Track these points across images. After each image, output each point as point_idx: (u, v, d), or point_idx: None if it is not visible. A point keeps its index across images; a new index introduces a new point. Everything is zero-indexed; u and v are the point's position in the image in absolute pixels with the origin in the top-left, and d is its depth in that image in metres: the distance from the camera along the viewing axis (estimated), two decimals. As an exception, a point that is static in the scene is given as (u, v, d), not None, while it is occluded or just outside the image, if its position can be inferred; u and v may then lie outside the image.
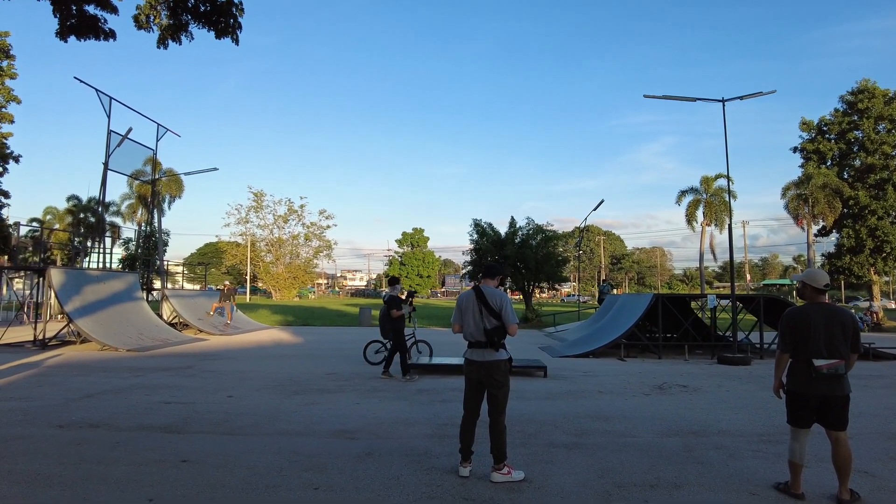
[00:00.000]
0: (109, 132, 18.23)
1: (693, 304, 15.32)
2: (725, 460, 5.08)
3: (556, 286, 26.80)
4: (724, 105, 12.93)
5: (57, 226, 44.29)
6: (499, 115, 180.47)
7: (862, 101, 31.58)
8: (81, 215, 45.42)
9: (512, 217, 27.70)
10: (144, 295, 19.52)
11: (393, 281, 10.40)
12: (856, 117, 32.13)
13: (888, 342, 16.31)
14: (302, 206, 63.59)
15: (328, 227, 65.75)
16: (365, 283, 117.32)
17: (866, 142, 31.45)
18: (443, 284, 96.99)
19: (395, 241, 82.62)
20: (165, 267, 32.60)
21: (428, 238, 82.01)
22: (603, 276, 76.05)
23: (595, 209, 25.75)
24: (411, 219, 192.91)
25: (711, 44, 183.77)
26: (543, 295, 79.31)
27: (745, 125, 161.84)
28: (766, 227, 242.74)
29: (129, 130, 17.99)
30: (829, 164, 32.89)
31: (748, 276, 49.93)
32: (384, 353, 11.45)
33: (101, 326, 14.38)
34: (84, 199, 45.40)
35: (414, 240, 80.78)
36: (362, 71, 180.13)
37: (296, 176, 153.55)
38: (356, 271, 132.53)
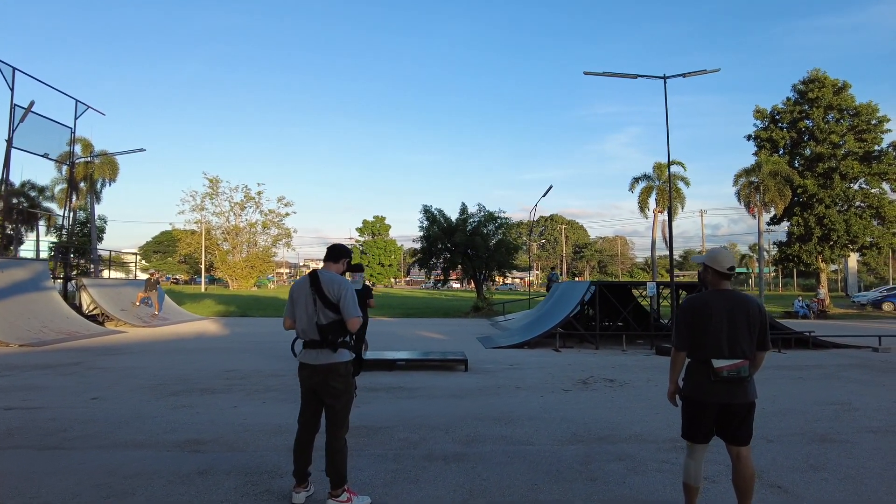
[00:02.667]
0: (13, 107, 16.62)
1: (636, 293, 14.81)
2: (624, 475, 4.34)
3: (507, 274, 26.14)
4: (665, 82, 12.33)
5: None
6: (469, 102, 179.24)
7: (812, 90, 31.71)
8: (14, 200, 42.72)
9: (463, 203, 26.82)
10: (60, 284, 18.05)
11: (356, 268, 9.21)
12: (807, 106, 32.28)
13: (831, 329, 16.19)
14: (259, 193, 61.56)
15: (287, 214, 64.00)
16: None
17: (816, 131, 31.64)
18: (407, 274, 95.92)
19: (356, 229, 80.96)
20: (98, 255, 30.80)
21: (389, 226, 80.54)
22: (555, 266, 76.23)
23: (544, 195, 25.16)
24: (378, 207, 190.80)
25: (677, 36, 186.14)
26: (508, 282, 79.14)
27: (709, 117, 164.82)
28: (727, 216, 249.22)
29: (31, 104, 16.43)
30: (781, 152, 33.00)
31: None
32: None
33: (-7, 319, 13.00)
34: (17, 183, 42.74)
35: (375, 228, 79.22)
36: (329, 53, 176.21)
37: (255, 162, 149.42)
38: (318, 260, 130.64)
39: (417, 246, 26.78)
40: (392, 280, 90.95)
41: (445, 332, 16.60)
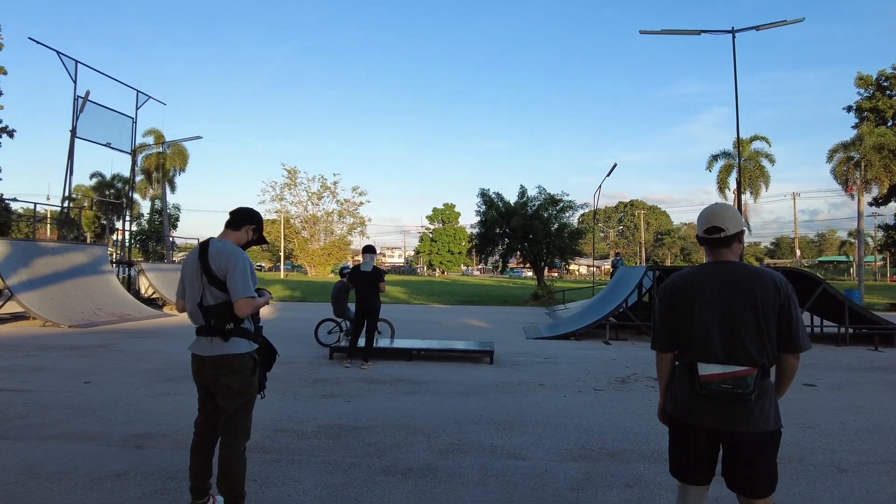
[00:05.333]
0: (76, 98, 17.25)
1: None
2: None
3: (570, 260, 24.62)
4: (734, 36, 10.60)
5: (85, 204, 44.75)
6: (546, 89, 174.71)
7: (930, 51, 27.67)
8: (107, 192, 45.81)
9: (522, 186, 25.37)
10: (121, 268, 18.74)
11: (368, 250, 8.56)
12: (923, 70, 28.24)
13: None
14: (335, 183, 62.82)
15: (361, 203, 64.88)
16: (403, 260, 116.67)
17: (934, 98, 27.63)
18: (480, 262, 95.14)
19: (426, 216, 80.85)
20: (172, 240, 32.20)
21: (459, 214, 79.63)
22: (620, 251, 72.38)
23: (608, 175, 23.29)
24: (452, 195, 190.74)
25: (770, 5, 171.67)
26: (582, 272, 76.52)
27: (809, 94, 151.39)
28: (826, 200, 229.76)
29: (87, 94, 16.94)
30: (889, 124, 29.12)
31: (798, 252, 46.00)
32: (337, 334, 9.99)
33: (49, 301, 13.45)
34: (108, 175, 45.78)
35: (445, 216, 78.69)
36: (401, 35, 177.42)
37: (333, 152, 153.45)
38: (395, 248, 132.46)
39: (475, 231, 25.84)
40: (463, 267, 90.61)
41: (494, 321, 15.66)
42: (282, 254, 67.58)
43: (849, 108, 31.03)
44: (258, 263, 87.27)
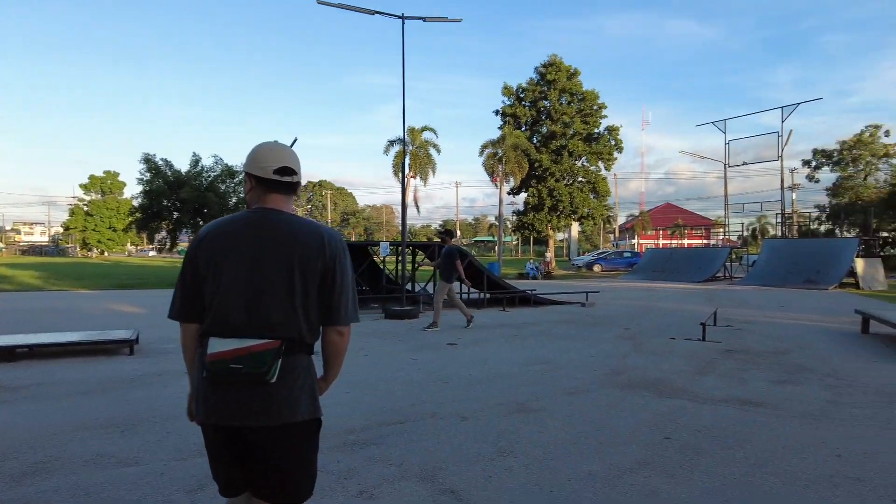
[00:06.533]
0: None
1: (378, 259, 13.92)
2: None
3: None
4: (403, 22, 11.27)
5: None
6: (242, 64, 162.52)
7: (550, 72, 34.98)
8: None
9: (195, 153, 22.60)
10: None
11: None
12: (546, 88, 35.55)
13: (552, 288, 17.52)
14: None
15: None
16: (47, 239, 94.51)
17: (552, 111, 35.12)
18: (151, 241, 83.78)
19: (80, 185, 66.74)
20: None
21: (125, 184, 67.98)
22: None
23: (291, 146, 22.73)
24: (120, 163, 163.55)
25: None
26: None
27: (472, 97, 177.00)
28: (482, 190, 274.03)
29: None
30: (523, 128, 35.93)
31: (458, 233, 53.72)
32: None
33: None
34: None
35: (105, 185, 66.31)
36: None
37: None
38: (36, 224, 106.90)
39: (138, 203, 22.31)
40: (131, 248, 78.70)
41: (153, 306, 13.60)
42: None
43: (496, 112, 37.15)
44: None
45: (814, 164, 47.31)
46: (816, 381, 5.68)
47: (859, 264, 20.52)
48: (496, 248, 33.01)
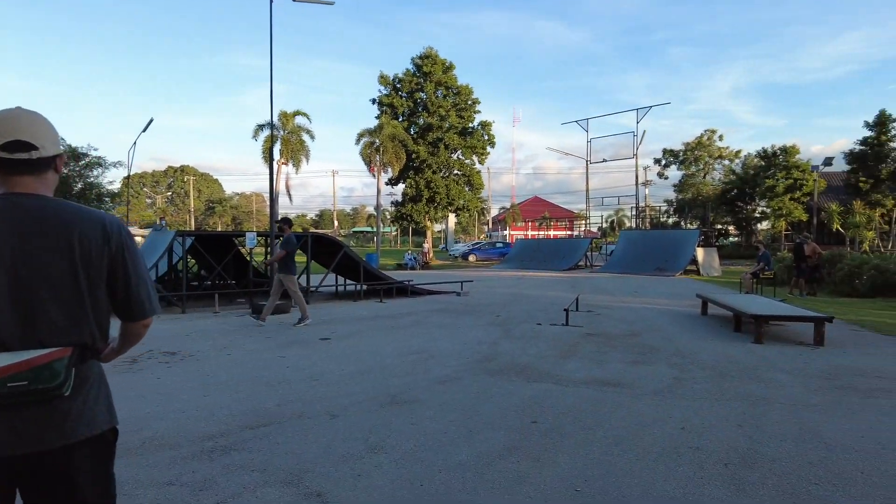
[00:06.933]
0: None
1: (245, 250, 13.05)
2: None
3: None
4: (271, 2, 10.58)
5: None
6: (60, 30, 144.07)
7: (426, 65, 35.18)
8: None
9: None
10: None
11: None
12: (422, 79, 35.70)
13: (429, 278, 17.67)
14: None
15: None
16: None
17: (428, 103, 35.38)
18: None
19: None
20: None
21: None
22: (164, 216, 68.88)
23: (144, 130, 20.71)
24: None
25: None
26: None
27: (348, 84, 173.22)
28: (361, 180, 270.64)
29: None
30: (400, 118, 35.82)
31: (336, 223, 52.55)
32: None
33: None
34: None
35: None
36: None
37: None
38: None
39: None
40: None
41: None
42: None
43: (374, 101, 36.67)
44: None
45: (663, 162, 52.76)
46: (664, 360, 6.22)
47: (700, 253, 23.10)
48: (375, 238, 32.69)
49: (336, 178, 55.69)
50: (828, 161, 32.30)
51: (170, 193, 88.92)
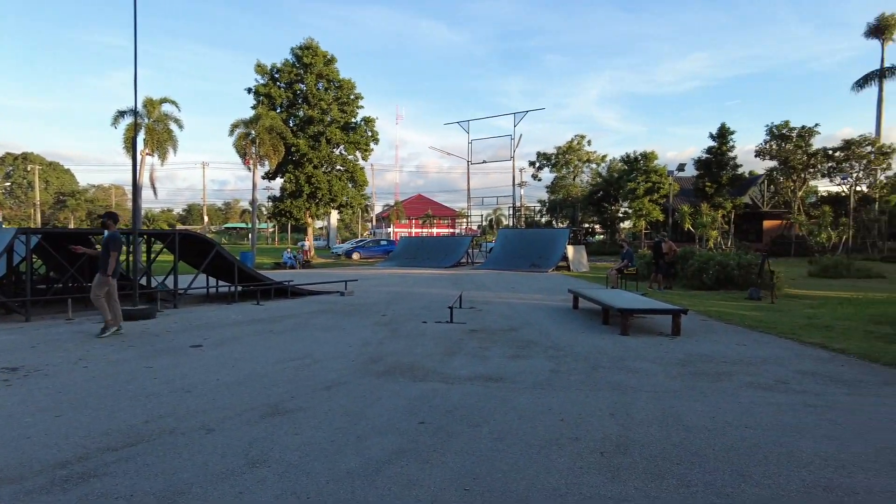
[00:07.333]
0: None
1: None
2: None
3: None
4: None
5: None
6: None
7: (307, 56, 34.04)
8: None
9: None
10: None
11: None
12: (302, 71, 34.48)
13: (311, 278, 17.14)
14: None
15: None
16: None
17: (309, 95, 34.28)
18: None
19: None
20: None
21: None
22: (19, 215, 60.93)
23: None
24: None
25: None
26: None
27: (222, 71, 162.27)
28: (234, 173, 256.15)
29: None
30: (278, 110, 34.30)
31: (206, 219, 49.16)
32: None
33: None
34: None
35: None
36: None
37: None
38: None
39: None
40: None
41: None
42: None
43: (249, 90, 34.76)
44: None
45: (538, 164, 55.86)
46: (542, 353, 6.55)
47: (570, 250, 24.67)
48: (250, 235, 31.02)
49: (207, 171, 52.12)
50: (681, 167, 36.17)
51: (8, 184, 78.01)
